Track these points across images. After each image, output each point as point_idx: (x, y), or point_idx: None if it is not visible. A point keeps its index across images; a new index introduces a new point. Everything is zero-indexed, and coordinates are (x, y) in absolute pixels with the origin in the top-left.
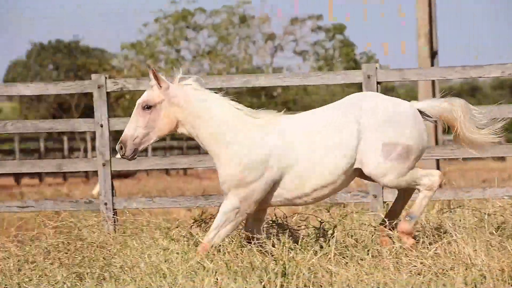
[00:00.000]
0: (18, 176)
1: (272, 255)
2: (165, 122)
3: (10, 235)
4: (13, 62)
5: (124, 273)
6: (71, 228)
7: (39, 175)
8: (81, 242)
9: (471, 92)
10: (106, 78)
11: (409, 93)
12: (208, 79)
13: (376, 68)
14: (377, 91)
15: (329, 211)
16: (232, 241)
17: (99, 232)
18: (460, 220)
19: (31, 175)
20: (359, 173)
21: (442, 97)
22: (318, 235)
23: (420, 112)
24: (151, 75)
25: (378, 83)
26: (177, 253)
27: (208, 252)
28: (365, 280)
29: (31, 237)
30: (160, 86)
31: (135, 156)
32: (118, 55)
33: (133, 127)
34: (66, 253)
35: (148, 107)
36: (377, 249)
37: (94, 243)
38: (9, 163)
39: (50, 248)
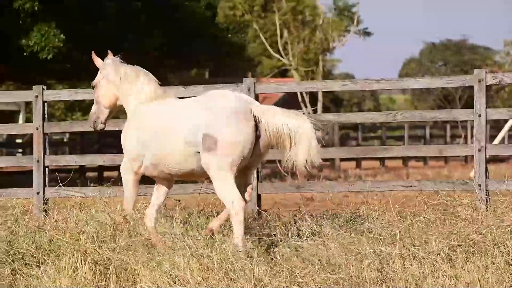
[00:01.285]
0: (405, 159)
1: None
2: (105, 98)
3: (394, 210)
4: (408, 59)
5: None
6: (447, 206)
7: (424, 159)
8: (455, 219)
9: None
10: (486, 72)
11: None
12: None
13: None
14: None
15: None
16: None
17: (472, 210)
18: None
19: (417, 158)
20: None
21: None
22: None
23: None
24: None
25: None
26: None
27: None
28: None
29: (411, 212)
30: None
31: (99, 129)
32: (500, 52)
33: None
34: (441, 227)
35: (93, 86)
36: None
37: (467, 219)
38: (398, 148)
39: (428, 222)
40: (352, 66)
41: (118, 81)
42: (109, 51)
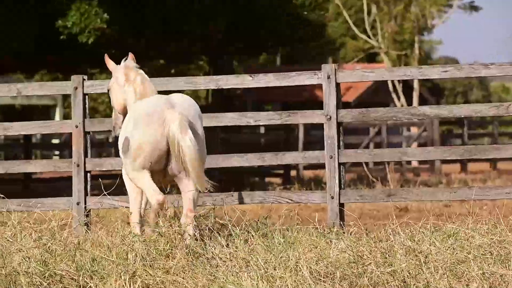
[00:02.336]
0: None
1: None
2: (116, 102)
3: (508, 223)
4: None
5: None
6: None
7: None
8: None
9: None
10: None
11: None
12: None
13: None
14: None
15: None
16: None
17: None
18: None
19: None
20: None
21: None
22: None
23: None
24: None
25: None
26: None
27: None
28: None
29: None
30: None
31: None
32: None
33: None
34: None
35: (108, 90)
36: None
37: None
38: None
39: None
40: (455, 49)
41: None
42: (130, 53)
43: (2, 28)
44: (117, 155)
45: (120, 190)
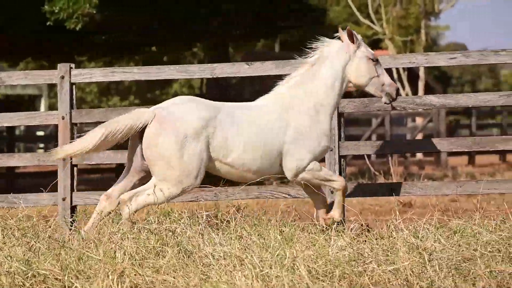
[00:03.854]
0: None
1: None
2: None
3: None
4: None
5: None
6: None
7: None
8: None
9: None
10: None
11: None
12: None
13: None
14: None
15: None
16: None
17: None
18: None
19: None
20: None
21: None
22: None
23: None
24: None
25: None
26: None
27: None
28: None
29: None
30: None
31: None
32: None
33: None
34: None
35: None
36: None
37: None
38: None
39: None
40: (464, 34)
41: None
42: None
43: None
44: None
45: (109, 185)
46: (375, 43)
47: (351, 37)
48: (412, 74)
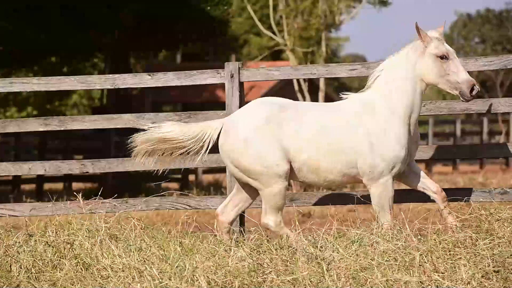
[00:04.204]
0: (429, 163)
1: None
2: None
3: (413, 227)
4: None
5: None
6: (480, 222)
7: (453, 162)
8: (491, 238)
9: None
10: None
11: None
12: None
13: None
14: None
15: None
16: None
17: None
18: None
19: (444, 161)
20: None
21: None
22: None
23: None
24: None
25: None
26: None
27: None
28: None
29: (435, 230)
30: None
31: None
32: None
33: None
34: (473, 248)
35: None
36: None
37: (505, 238)
38: (420, 148)
39: (456, 242)
40: (363, 46)
41: None
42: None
43: None
44: (4, 159)
45: (5, 197)
46: (276, 55)
47: (419, 35)
48: (313, 85)
